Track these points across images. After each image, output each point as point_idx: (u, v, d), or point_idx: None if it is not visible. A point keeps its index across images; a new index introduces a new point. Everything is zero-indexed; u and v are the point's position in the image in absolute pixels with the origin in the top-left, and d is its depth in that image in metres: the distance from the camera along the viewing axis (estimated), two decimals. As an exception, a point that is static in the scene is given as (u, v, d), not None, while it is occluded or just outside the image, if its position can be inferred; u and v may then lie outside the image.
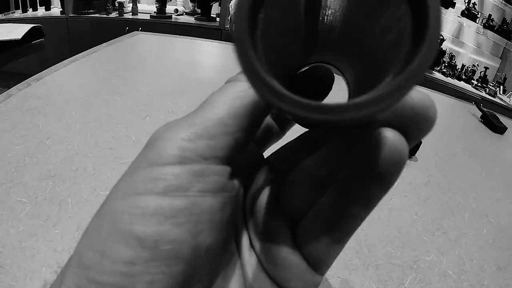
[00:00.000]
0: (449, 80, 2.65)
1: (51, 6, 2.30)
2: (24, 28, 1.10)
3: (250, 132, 0.16)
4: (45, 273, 0.26)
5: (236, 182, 0.16)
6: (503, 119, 1.01)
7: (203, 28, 2.22)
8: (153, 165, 0.14)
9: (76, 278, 0.13)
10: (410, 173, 0.56)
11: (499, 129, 0.92)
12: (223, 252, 0.16)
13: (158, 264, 0.13)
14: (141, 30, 1.13)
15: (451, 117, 1.00)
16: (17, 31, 1.06)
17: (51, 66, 0.70)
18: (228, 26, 2.13)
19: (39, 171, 0.38)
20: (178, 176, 0.13)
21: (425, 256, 0.38)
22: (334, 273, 0.34)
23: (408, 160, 0.59)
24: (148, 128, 0.50)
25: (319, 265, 0.17)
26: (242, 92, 0.15)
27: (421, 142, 0.59)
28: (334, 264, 0.35)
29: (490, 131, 0.91)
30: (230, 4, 1.20)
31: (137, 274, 0.12)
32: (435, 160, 0.64)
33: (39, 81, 0.61)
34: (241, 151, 0.16)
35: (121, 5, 2.23)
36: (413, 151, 0.60)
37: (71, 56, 0.75)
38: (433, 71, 2.65)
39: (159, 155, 0.14)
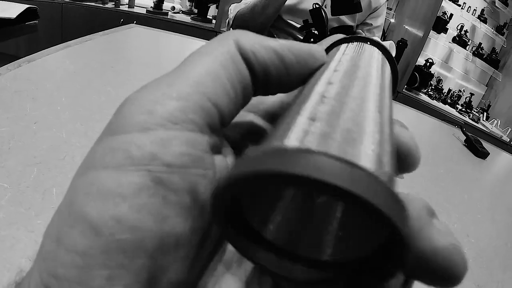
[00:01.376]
0: (434, 102, 2.72)
1: (47, -10, 2.25)
2: (19, 8, 1.06)
3: (235, 98, 0.13)
4: (24, 265, 0.25)
5: (217, 159, 0.13)
6: (486, 145, 1.04)
7: (198, 28, 2.22)
8: (114, 134, 0.11)
9: (39, 271, 0.11)
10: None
11: (482, 154, 0.94)
12: (204, 241, 0.13)
13: (116, 256, 0.10)
14: (135, 24, 1.11)
15: (436, 139, 1.02)
16: (11, 10, 1.03)
17: (41, 49, 0.68)
18: (224, 29, 2.13)
19: (24, 156, 0.37)
20: (140, 146, 0.11)
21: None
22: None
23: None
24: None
25: None
26: (228, 52, 0.13)
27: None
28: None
29: (473, 155, 0.94)
30: (229, 8, 1.20)
31: (93, 267, 0.10)
32: (420, 179, 0.65)
33: (30, 63, 0.60)
34: (226, 122, 0.13)
35: (119, -4, 2.20)
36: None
37: (61, 42, 0.73)
38: (420, 93, 2.71)
39: (122, 121, 0.11)
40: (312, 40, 1.00)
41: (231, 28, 1.16)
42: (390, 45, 0.85)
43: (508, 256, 0.50)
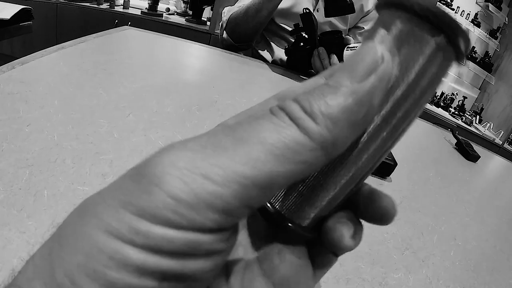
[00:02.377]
0: (427, 105, 2.74)
1: (42, -10, 2.24)
2: (14, 8, 1.06)
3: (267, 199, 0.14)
4: (16, 264, 0.26)
5: (230, 243, 0.13)
6: (477, 148, 1.06)
7: (192, 30, 2.22)
8: (142, 217, 0.11)
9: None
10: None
11: (472, 157, 0.96)
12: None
13: None
14: (130, 25, 1.12)
15: (427, 142, 1.03)
16: (6, 11, 1.03)
17: (35, 50, 0.68)
18: (217, 31, 2.13)
19: (16, 158, 0.37)
20: (170, 242, 0.11)
21: (393, 273, 0.39)
22: (306, 284, 0.34)
23: (383, 181, 0.61)
24: (131, 126, 0.50)
25: (318, 270, 0.17)
26: (295, 152, 0.11)
27: (397, 164, 0.61)
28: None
29: (464, 158, 0.95)
30: (222, 11, 1.21)
31: None
32: (409, 182, 0.66)
33: (24, 65, 0.60)
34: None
35: (114, -3, 2.20)
36: (388, 172, 0.62)
37: (56, 42, 0.74)
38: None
39: (150, 209, 0.11)
40: (302, 44, 1.01)
41: (224, 31, 1.16)
42: None
43: (496, 259, 0.51)
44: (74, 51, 0.73)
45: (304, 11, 0.96)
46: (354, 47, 0.93)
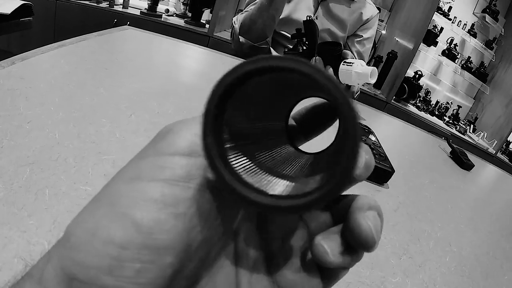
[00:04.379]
0: (422, 114, 2.77)
1: (42, -12, 2.23)
2: (15, 3, 1.06)
3: None
4: (16, 264, 0.25)
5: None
6: (471, 157, 1.07)
7: (191, 32, 2.22)
8: (161, 154, 0.14)
9: (62, 259, 0.12)
10: (381, 199, 0.58)
11: (467, 166, 0.97)
12: (212, 252, 0.16)
13: (150, 253, 0.12)
14: (128, 25, 1.11)
15: (422, 150, 1.04)
16: (6, 6, 1.02)
17: (32, 46, 0.67)
18: (230, 39, 2.14)
19: (17, 156, 0.37)
20: (184, 166, 0.14)
21: (391, 277, 0.40)
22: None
23: (380, 187, 0.61)
24: (133, 127, 0.50)
25: (327, 279, 0.17)
26: None
27: (394, 171, 0.62)
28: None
29: (458, 167, 0.96)
30: (233, 19, 1.21)
31: (127, 259, 0.12)
32: (405, 188, 0.66)
33: (24, 61, 0.59)
34: None
35: (113, -4, 2.19)
36: (385, 179, 0.62)
37: (54, 40, 0.73)
38: (408, 104, 2.76)
39: (169, 145, 0.14)
40: (301, 50, 1.01)
41: (239, 37, 1.15)
42: (372, 71, 0.87)
43: (490, 265, 0.52)
44: (75, 49, 0.73)
45: (308, 18, 0.96)
46: (350, 63, 0.92)
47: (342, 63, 0.93)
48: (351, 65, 0.90)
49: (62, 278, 0.12)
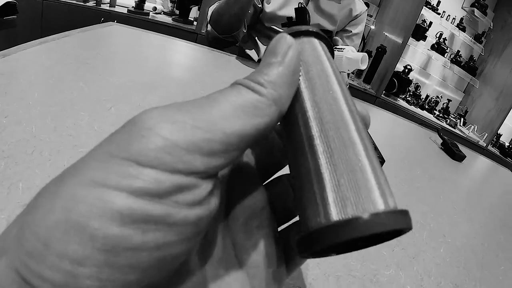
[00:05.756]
0: (412, 108, 2.78)
1: (29, -14, 2.19)
2: (-1, 1, 1.03)
3: (243, 151, 0.15)
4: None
5: (214, 198, 0.14)
6: (462, 148, 1.07)
7: (179, 29, 2.20)
8: (134, 161, 0.11)
9: (17, 261, 0.11)
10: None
11: (458, 157, 0.97)
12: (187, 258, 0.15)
13: (111, 272, 0.11)
14: (116, 23, 1.09)
15: (413, 141, 1.04)
16: (-10, 4, 0.99)
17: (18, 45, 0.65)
18: (204, 31, 2.12)
19: (-10, 150, 0.35)
20: (159, 183, 0.12)
21: (384, 270, 0.39)
22: (295, 282, 0.33)
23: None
24: (112, 119, 0.48)
25: (290, 265, 0.18)
26: (256, 107, 0.14)
27: (384, 161, 0.61)
28: (294, 273, 0.34)
29: (450, 158, 0.96)
30: (207, 9, 1.20)
31: (83, 276, 0.10)
32: (396, 180, 0.66)
33: (5, 57, 0.57)
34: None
35: (100, -6, 2.16)
36: None
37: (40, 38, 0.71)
38: (398, 99, 2.77)
39: (144, 152, 0.12)
40: None
41: (208, 25, 1.15)
42: (363, 57, 0.86)
43: (485, 255, 0.51)
44: (57, 45, 0.71)
45: (300, 5, 0.95)
46: (341, 48, 0.91)
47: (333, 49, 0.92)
48: (342, 51, 0.89)
49: (16, 280, 0.10)
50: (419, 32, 2.65)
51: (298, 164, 0.16)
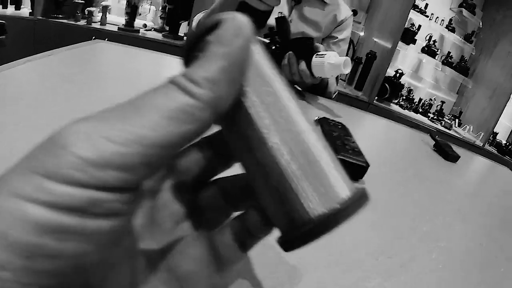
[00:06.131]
0: (406, 112, 2.79)
1: (21, 6, 2.21)
2: (-14, 22, 1.03)
3: (168, 160, 0.14)
4: None
5: (132, 206, 0.14)
6: (457, 149, 1.06)
7: (169, 45, 2.22)
8: (49, 177, 0.12)
9: None
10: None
11: (452, 158, 0.95)
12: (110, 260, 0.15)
13: (31, 277, 0.11)
14: (107, 41, 1.09)
15: (404, 144, 1.03)
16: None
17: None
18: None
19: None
20: (71, 197, 0.12)
21: (368, 281, 0.37)
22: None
23: (355, 184, 0.59)
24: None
25: (224, 266, 0.18)
26: (185, 113, 0.13)
27: (369, 165, 0.58)
28: (278, 285, 0.32)
29: (443, 159, 0.95)
30: (193, 18, 1.21)
31: (6, 280, 0.11)
32: (385, 184, 0.64)
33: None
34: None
35: (91, 13, 2.18)
36: (360, 175, 0.59)
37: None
38: (391, 104, 2.77)
39: (56, 169, 0.12)
40: (273, 47, 0.99)
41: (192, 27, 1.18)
42: (345, 61, 0.85)
43: (484, 256, 0.50)
44: (43, 63, 0.71)
45: (279, 15, 0.95)
46: (322, 54, 0.91)
47: (314, 56, 0.91)
48: (323, 57, 0.88)
49: None
50: (409, 36, 2.67)
51: (259, 165, 0.16)
